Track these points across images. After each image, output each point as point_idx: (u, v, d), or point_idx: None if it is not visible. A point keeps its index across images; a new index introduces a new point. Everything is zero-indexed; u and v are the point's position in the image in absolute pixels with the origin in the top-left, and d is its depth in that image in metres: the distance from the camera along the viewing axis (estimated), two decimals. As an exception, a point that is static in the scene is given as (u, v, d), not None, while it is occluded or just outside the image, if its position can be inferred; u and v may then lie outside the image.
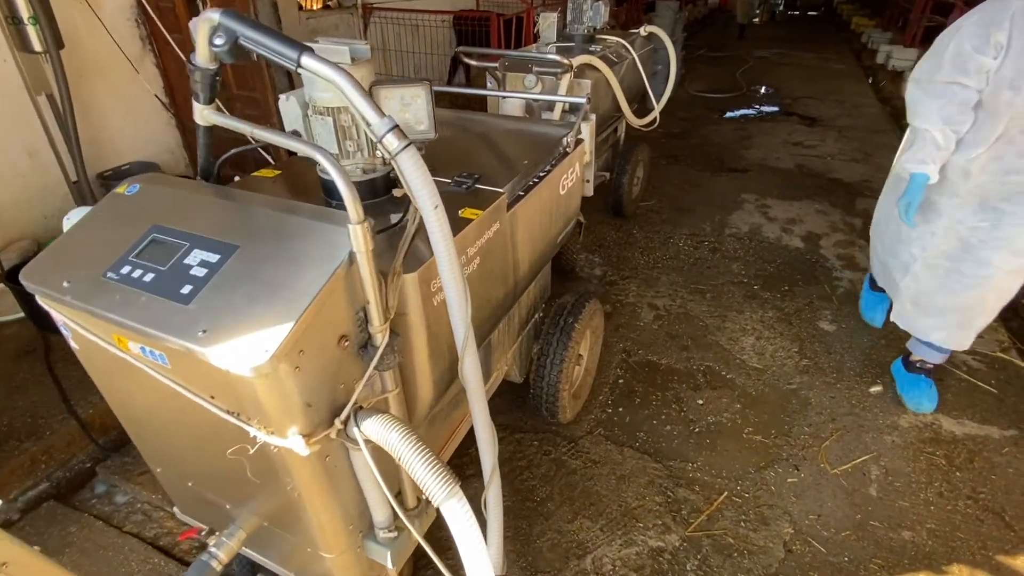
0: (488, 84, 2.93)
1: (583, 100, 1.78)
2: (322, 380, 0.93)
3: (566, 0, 3.22)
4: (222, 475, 1.17)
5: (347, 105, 1.20)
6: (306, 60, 0.85)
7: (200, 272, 0.93)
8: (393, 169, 1.30)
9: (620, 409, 2.28)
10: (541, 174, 1.59)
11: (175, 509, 1.43)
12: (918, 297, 2.13)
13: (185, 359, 0.90)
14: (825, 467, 2.02)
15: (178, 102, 3.86)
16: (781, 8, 16.10)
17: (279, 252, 0.93)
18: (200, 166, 1.21)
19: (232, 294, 0.89)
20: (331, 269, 0.88)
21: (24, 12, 2.49)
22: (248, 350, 0.82)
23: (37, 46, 2.56)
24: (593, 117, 2.72)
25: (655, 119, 3.47)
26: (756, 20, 15.15)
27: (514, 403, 2.28)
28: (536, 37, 3.27)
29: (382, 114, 0.86)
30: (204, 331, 0.85)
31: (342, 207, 0.89)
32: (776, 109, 6.68)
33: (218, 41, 0.89)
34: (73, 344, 1.10)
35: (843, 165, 4.92)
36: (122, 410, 1.22)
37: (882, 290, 2.54)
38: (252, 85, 3.32)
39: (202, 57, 0.97)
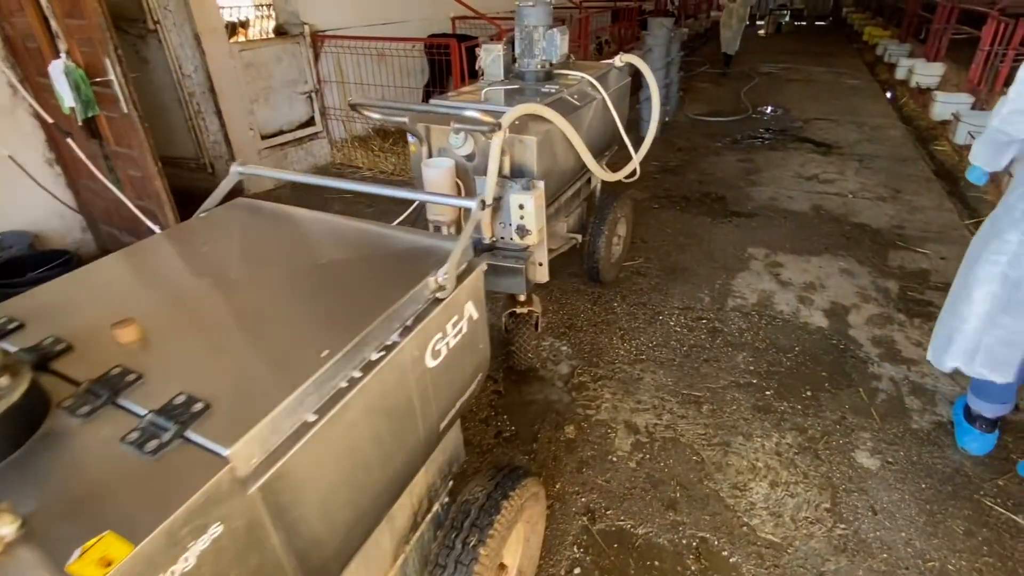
0: (410, 141, 2.25)
1: (471, 204, 1.08)
2: None
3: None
4: None
5: None
6: None
7: None
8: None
9: (571, 630, 1.55)
10: (375, 355, 0.89)
11: None
12: None
13: None
14: None
15: (65, 156, 3.23)
16: (787, 19, 15.45)
17: None
18: None
19: None
20: None
21: None
22: None
23: None
24: (541, 185, 2.04)
25: (635, 171, 2.77)
26: (761, 32, 14.52)
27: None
28: (480, 74, 2.59)
29: None
30: None
31: None
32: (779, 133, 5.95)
33: None
34: None
35: (868, 206, 4.18)
36: None
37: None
38: (128, 142, 2.67)
39: None
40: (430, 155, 2.21)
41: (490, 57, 2.47)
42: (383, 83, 5.29)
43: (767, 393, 2.38)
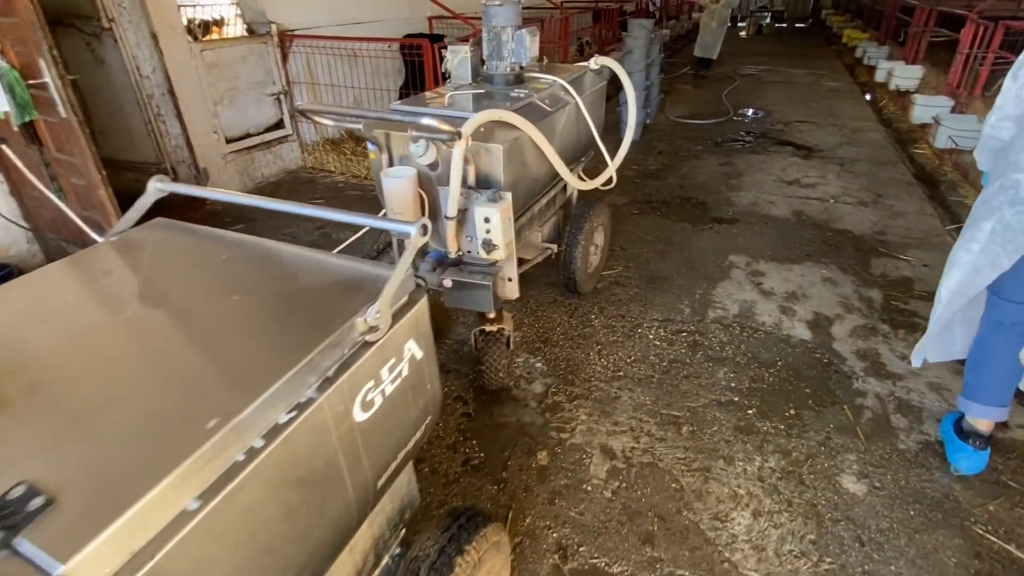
0: (369, 148, 2.11)
1: (411, 229, 0.95)
2: None
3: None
4: None
5: None
6: None
7: None
8: None
9: None
10: (285, 417, 0.75)
11: None
12: None
13: None
14: None
15: (7, 163, 3.02)
16: (768, 21, 15.52)
17: None
18: None
19: None
20: None
21: None
22: None
23: None
24: (508, 196, 1.91)
25: (611, 179, 2.65)
26: (742, 34, 14.56)
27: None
28: (445, 77, 2.46)
29: None
30: None
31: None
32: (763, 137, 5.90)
33: None
34: None
35: (850, 211, 4.11)
36: None
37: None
38: (69, 149, 2.48)
39: None
40: (391, 164, 2.07)
41: (456, 59, 2.33)
42: (356, 85, 5.12)
43: (749, 412, 2.27)
